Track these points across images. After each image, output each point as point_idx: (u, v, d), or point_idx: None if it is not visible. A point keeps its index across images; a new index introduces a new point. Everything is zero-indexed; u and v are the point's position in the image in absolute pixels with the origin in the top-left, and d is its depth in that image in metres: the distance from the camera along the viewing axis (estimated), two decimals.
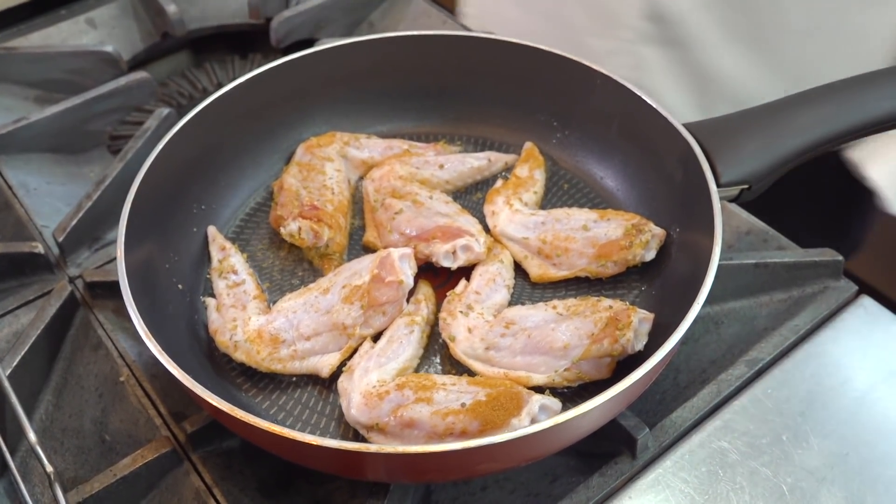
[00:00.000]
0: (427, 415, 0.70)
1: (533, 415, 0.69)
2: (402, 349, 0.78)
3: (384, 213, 0.90)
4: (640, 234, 0.84)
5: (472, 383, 0.74)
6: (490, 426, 0.68)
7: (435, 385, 0.73)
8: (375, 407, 0.72)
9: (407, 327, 0.80)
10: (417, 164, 0.95)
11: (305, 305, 0.81)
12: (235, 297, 0.84)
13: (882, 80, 0.82)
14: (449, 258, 0.86)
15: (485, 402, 0.70)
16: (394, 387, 0.73)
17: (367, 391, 0.73)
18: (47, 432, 0.82)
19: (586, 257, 0.85)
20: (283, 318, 0.80)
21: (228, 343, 0.80)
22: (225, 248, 0.89)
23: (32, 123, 1.06)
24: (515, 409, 0.69)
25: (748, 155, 0.80)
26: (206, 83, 1.22)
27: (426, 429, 0.70)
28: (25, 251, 0.93)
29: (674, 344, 0.67)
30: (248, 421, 0.64)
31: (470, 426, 0.69)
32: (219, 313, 0.83)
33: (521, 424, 0.68)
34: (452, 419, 0.69)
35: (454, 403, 0.70)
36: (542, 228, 0.88)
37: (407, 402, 0.71)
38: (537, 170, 0.96)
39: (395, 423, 0.71)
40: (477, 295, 0.83)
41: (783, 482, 0.74)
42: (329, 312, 0.79)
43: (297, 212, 0.88)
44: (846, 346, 0.83)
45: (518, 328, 0.78)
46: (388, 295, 0.80)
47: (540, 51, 0.96)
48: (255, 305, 0.83)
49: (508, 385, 0.72)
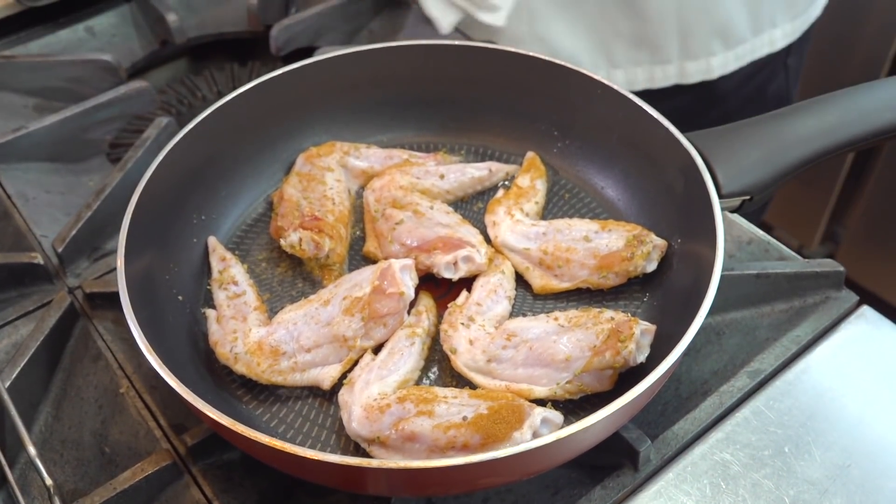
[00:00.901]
0: (428, 428, 0.70)
1: (535, 428, 0.69)
2: (403, 361, 0.78)
3: (385, 223, 0.90)
4: (642, 245, 0.83)
5: (474, 396, 0.74)
6: (492, 440, 0.68)
7: (436, 398, 0.73)
8: (377, 420, 0.71)
9: (408, 339, 0.80)
10: (418, 174, 0.95)
11: (306, 317, 0.80)
12: (236, 309, 0.83)
13: (884, 90, 0.82)
14: (450, 269, 0.85)
15: (486, 416, 0.69)
16: (395, 400, 0.73)
17: (368, 404, 0.73)
18: (47, 444, 0.81)
19: (588, 268, 0.85)
20: (283, 329, 0.80)
21: (229, 355, 0.80)
22: (225, 258, 0.89)
23: (31, 132, 1.06)
24: (517, 423, 0.69)
25: (750, 166, 0.80)
26: (205, 91, 1.22)
27: (427, 442, 0.69)
28: (24, 262, 0.93)
29: (677, 356, 0.67)
30: (249, 435, 0.64)
31: (471, 440, 0.68)
32: (219, 325, 0.83)
33: (523, 438, 0.68)
34: (454, 433, 0.69)
35: (456, 417, 0.70)
36: (544, 239, 0.88)
37: (408, 416, 0.71)
38: (539, 180, 0.96)
39: (396, 437, 0.70)
40: (478, 306, 0.82)
41: (785, 494, 0.73)
42: (330, 324, 0.79)
43: (297, 222, 0.88)
44: (848, 357, 0.83)
45: (519, 340, 0.78)
46: (389, 307, 0.79)
47: (540, 60, 0.95)
48: (256, 317, 0.83)
49: (510, 398, 0.72)
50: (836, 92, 0.83)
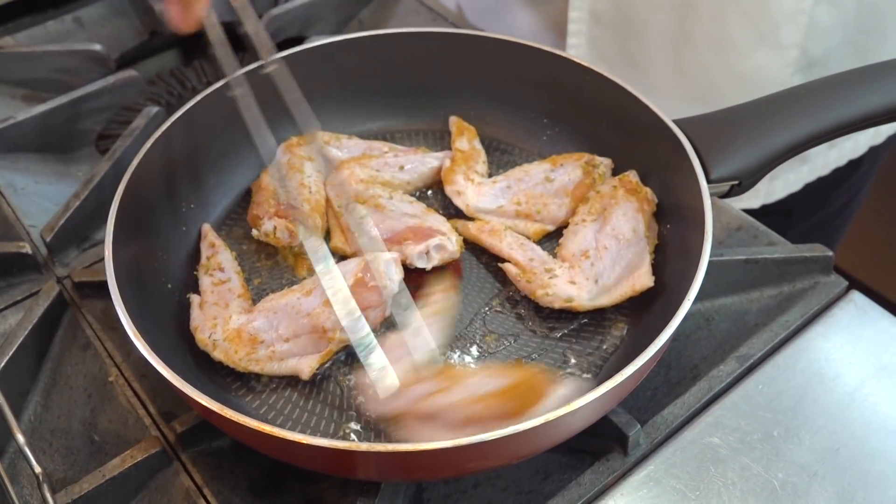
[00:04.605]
0: (449, 405, 0.70)
1: (557, 398, 0.69)
2: (422, 341, 0.78)
3: (350, 216, 0.88)
4: (595, 168, 0.90)
5: (493, 372, 0.74)
6: (512, 414, 0.68)
7: (456, 375, 0.73)
8: (398, 397, 0.72)
9: (427, 318, 0.80)
10: (377, 167, 0.94)
11: (287, 307, 0.80)
12: (219, 295, 0.83)
13: (871, 76, 0.82)
14: (423, 259, 0.85)
15: (506, 391, 0.70)
16: (416, 378, 0.73)
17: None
18: (36, 433, 0.81)
19: (565, 207, 0.89)
20: (263, 318, 0.79)
21: (207, 341, 0.79)
22: (214, 245, 0.89)
23: (20, 123, 1.06)
24: (538, 396, 0.69)
25: (738, 151, 0.80)
26: (194, 81, 1.21)
27: (449, 419, 0.70)
28: (13, 251, 0.92)
29: (664, 340, 0.67)
30: (238, 420, 0.64)
31: (492, 414, 0.69)
32: (201, 310, 0.82)
33: (544, 410, 0.68)
34: (475, 408, 0.69)
35: (476, 393, 0.71)
36: (510, 192, 0.90)
37: (429, 393, 0.71)
38: (475, 140, 0.98)
39: (417, 415, 0.71)
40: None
41: (774, 478, 0.74)
42: (310, 315, 0.78)
43: (272, 211, 0.88)
44: (836, 342, 0.83)
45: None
46: (371, 300, 0.78)
47: (530, 47, 0.95)
48: (239, 304, 0.82)
49: (531, 373, 0.73)
50: (825, 77, 0.83)
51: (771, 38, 1.10)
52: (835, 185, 1.32)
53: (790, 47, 1.10)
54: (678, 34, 1.15)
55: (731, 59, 1.13)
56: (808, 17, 1.08)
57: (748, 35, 1.10)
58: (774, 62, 1.11)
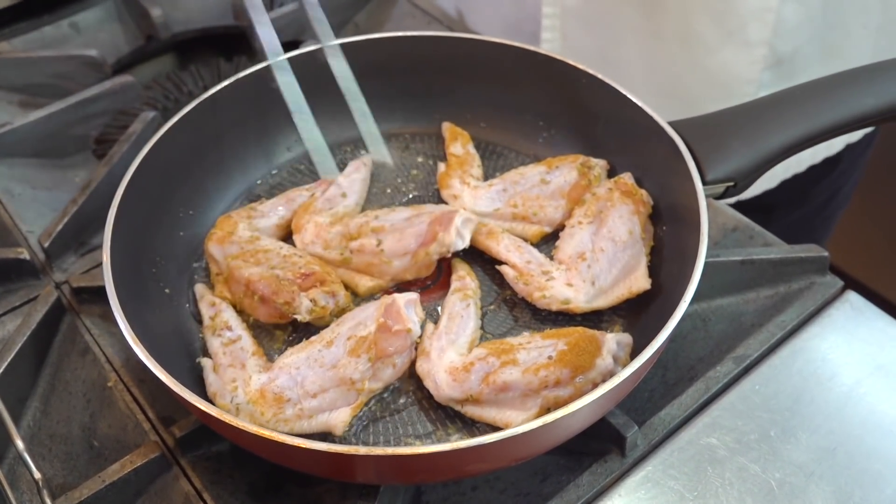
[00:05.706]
0: (519, 374, 0.72)
1: (613, 352, 0.73)
2: (466, 323, 0.80)
3: (365, 256, 0.85)
4: (591, 169, 0.90)
5: (547, 336, 0.76)
6: (580, 370, 0.71)
7: (513, 347, 0.75)
8: (465, 380, 0.73)
9: (462, 302, 0.82)
10: (325, 206, 0.90)
11: (309, 360, 0.75)
12: (233, 356, 0.78)
13: (866, 77, 0.83)
14: (460, 238, 0.85)
15: (568, 350, 0.72)
16: (476, 357, 0.75)
17: (451, 367, 0.75)
18: (35, 439, 0.81)
19: (562, 209, 0.89)
20: (285, 374, 0.75)
21: (230, 406, 0.74)
22: (215, 303, 0.84)
23: (16, 128, 1.06)
24: (597, 350, 0.72)
25: (733, 152, 0.80)
26: (191, 86, 1.21)
27: (521, 387, 0.72)
28: (11, 257, 0.93)
29: (661, 342, 0.67)
30: (237, 425, 0.64)
31: (562, 375, 0.71)
32: (216, 374, 0.77)
33: (604, 363, 0.72)
34: (545, 373, 0.71)
35: (541, 358, 0.72)
36: (507, 195, 0.91)
37: (495, 368, 0.73)
38: (469, 144, 0.98)
39: (489, 391, 0.72)
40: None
41: (771, 478, 0.74)
42: (335, 367, 0.74)
43: (294, 288, 0.80)
44: (833, 342, 0.84)
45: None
46: (397, 345, 0.76)
47: (525, 50, 0.96)
48: (255, 362, 0.77)
49: (581, 330, 0.75)
50: (819, 79, 0.83)
51: (737, 35, 1.10)
52: (814, 182, 1.33)
53: (758, 44, 1.10)
54: (647, 29, 1.15)
55: (699, 56, 1.14)
56: (775, 14, 1.08)
57: (714, 32, 1.11)
58: (742, 59, 1.12)
